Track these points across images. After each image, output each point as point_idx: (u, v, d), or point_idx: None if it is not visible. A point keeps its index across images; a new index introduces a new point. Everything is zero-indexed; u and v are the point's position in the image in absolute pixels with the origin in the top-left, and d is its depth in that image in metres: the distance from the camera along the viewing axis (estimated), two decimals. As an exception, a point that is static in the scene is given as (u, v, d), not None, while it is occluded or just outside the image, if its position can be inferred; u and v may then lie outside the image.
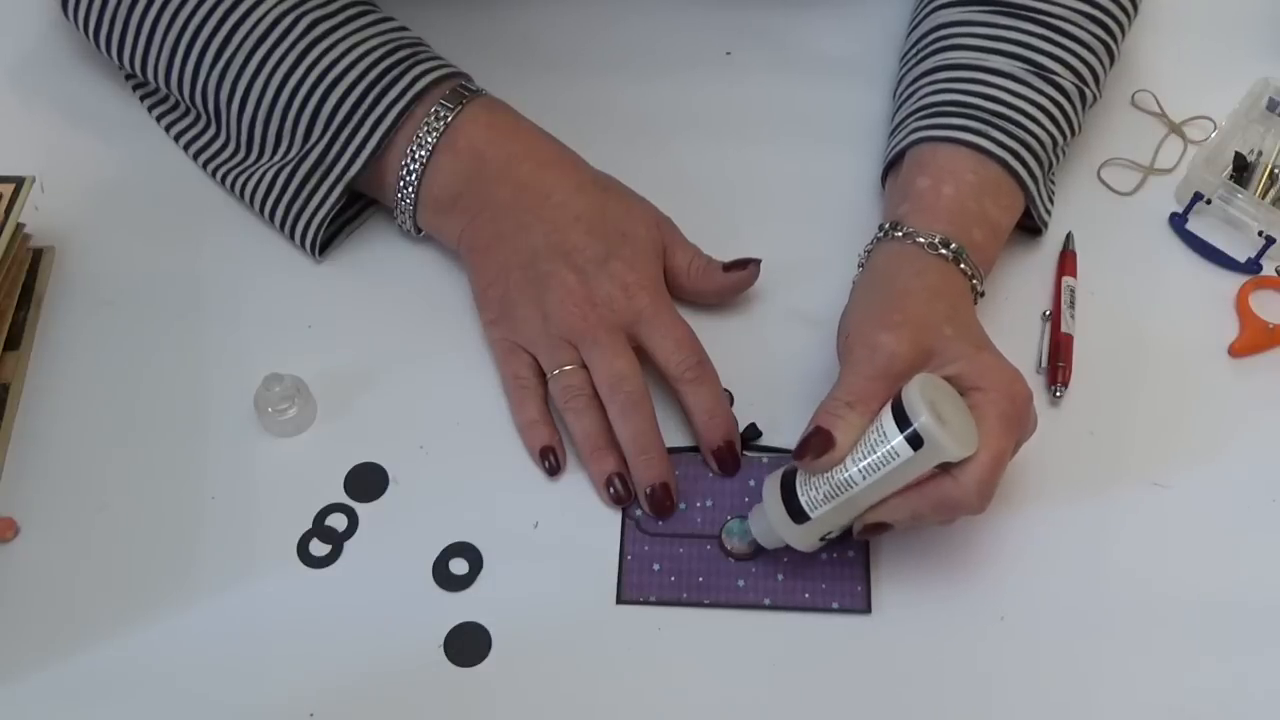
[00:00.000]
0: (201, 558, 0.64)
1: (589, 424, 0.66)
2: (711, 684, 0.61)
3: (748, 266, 0.71)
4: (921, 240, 0.65)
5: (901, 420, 0.57)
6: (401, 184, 0.70)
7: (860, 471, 0.58)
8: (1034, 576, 0.64)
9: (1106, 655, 0.62)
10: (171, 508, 0.66)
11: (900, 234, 0.66)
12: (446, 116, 0.69)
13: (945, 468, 0.58)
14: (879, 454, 0.57)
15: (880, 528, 0.60)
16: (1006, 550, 0.65)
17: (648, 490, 0.65)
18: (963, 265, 0.65)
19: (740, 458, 0.67)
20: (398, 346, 0.71)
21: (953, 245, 0.65)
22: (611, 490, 0.65)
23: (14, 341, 0.70)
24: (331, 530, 0.65)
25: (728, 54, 0.84)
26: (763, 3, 0.85)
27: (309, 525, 0.65)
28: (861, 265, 0.69)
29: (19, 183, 0.70)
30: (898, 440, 0.57)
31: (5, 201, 0.69)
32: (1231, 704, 0.61)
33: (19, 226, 0.71)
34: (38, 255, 0.74)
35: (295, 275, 0.74)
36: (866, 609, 0.63)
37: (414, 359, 0.71)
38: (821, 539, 0.61)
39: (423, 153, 0.69)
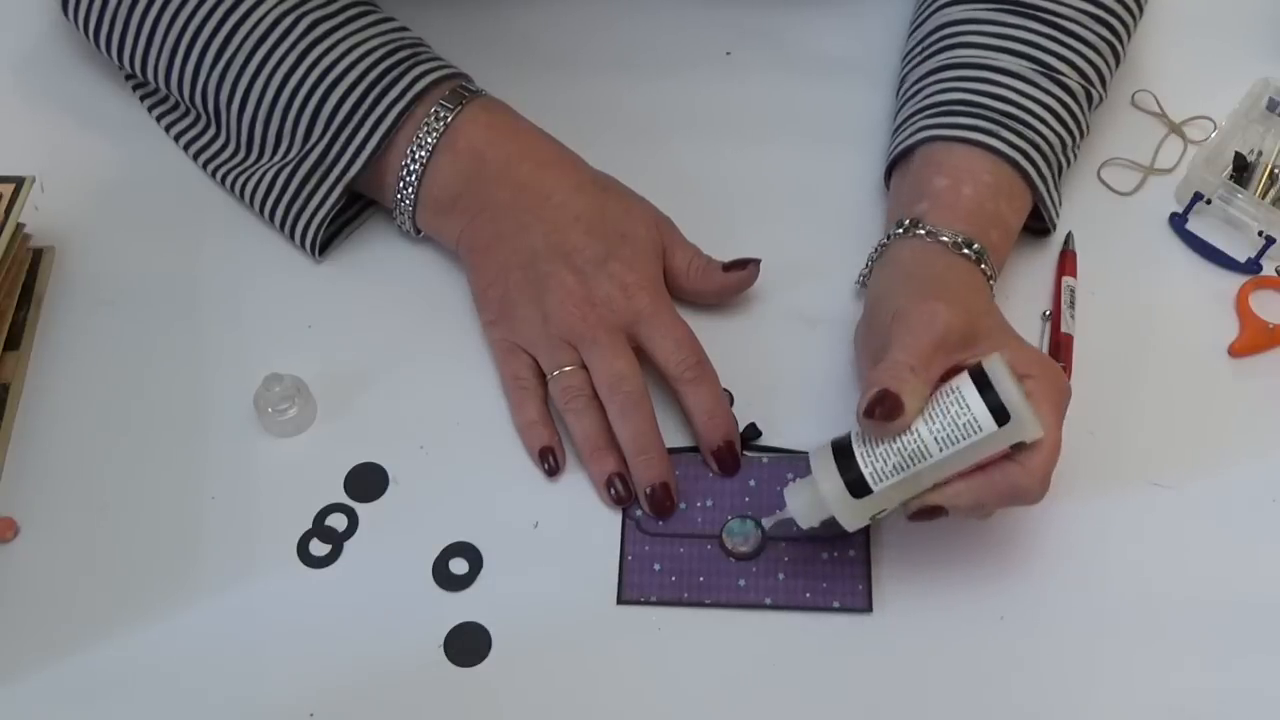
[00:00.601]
0: (201, 558, 0.64)
1: (589, 424, 0.66)
2: (712, 684, 0.61)
3: (747, 266, 0.71)
4: (945, 239, 0.65)
5: (985, 392, 0.55)
6: (401, 184, 0.70)
7: (935, 441, 0.56)
8: (1034, 576, 0.64)
9: (1106, 655, 0.62)
10: (171, 508, 0.66)
11: (922, 231, 0.66)
12: (446, 117, 0.69)
13: (1016, 449, 0.57)
14: (959, 424, 0.56)
15: (936, 511, 0.58)
16: (1007, 549, 0.65)
17: (648, 490, 0.65)
18: (983, 265, 0.65)
19: (740, 458, 0.67)
20: (398, 346, 0.71)
21: (975, 245, 0.65)
22: (612, 491, 0.65)
23: (14, 341, 0.70)
24: (331, 530, 0.65)
25: (728, 54, 0.84)
26: (763, 3, 0.85)
27: (309, 525, 0.65)
28: (872, 260, 0.69)
29: (19, 183, 0.70)
30: (981, 412, 0.55)
31: (5, 201, 0.69)
32: (1231, 704, 0.61)
33: (19, 226, 0.71)
34: (38, 255, 0.74)
35: (295, 275, 0.74)
36: (868, 608, 0.63)
37: (414, 359, 0.71)
38: (872, 518, 0.59)
39: (422, 153, 0.69)
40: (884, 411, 0.57)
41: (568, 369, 0.66)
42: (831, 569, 0.64)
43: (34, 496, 0.66)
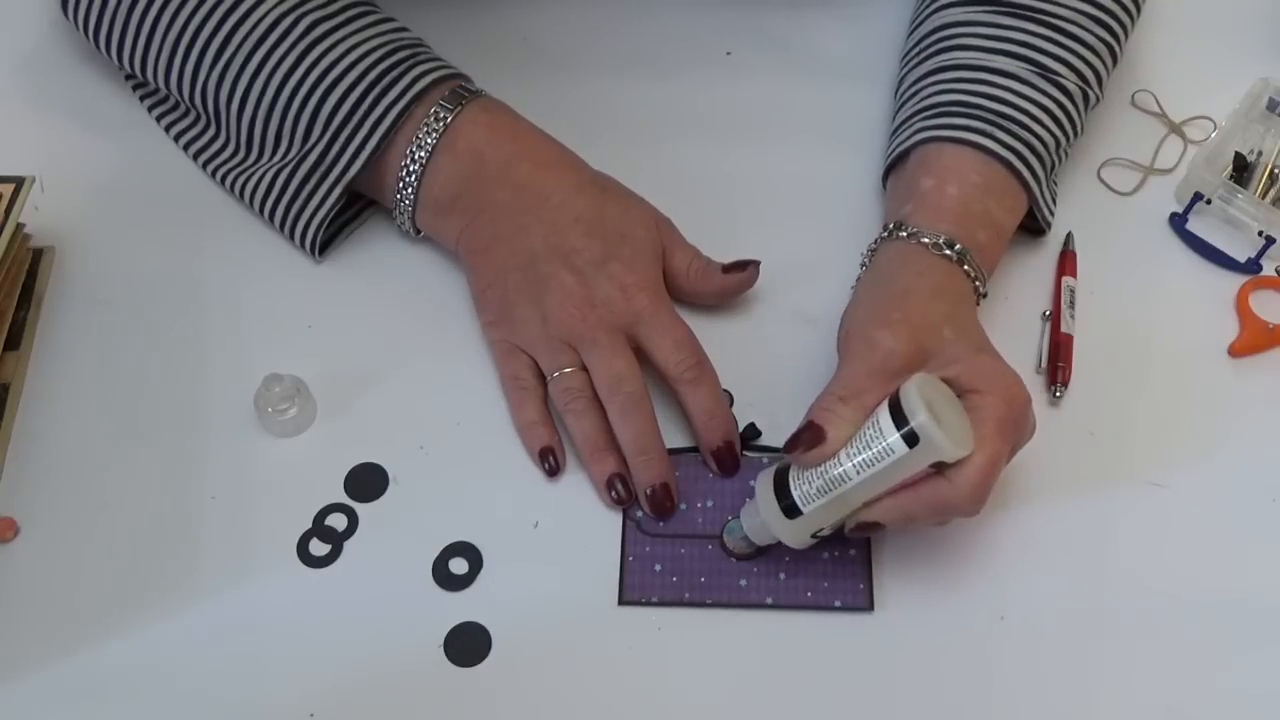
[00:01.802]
0: (201, 558, 0.64)
1: (589, 425, 0.66)
2: (713, 684, 0.61)
3: (747, 268, 0.71)
4: (926, 240, 0.65)
5: (898, 417, 0.57)
6: (401, 185, 0.70)
7: (854, 467, 0.58)
8: (1034, 576, 0.64)
9: (1106, 654, 0.62)
10: (171, 508, 0.66)
11: (904, 234, 0.66)
12: (446, 117, 0.69)
13: (940, 468, 0.58)
14: (874, 450, 0.57)
15: (872, 526, 0.60)
16: (1007, 549, 0.65)
17: (648, 491, 0.65)
18: (966, 266, 0.65)
19: (740, 458, 0.67)
20: (398, 346, 0.71)
21: (957, 246, 0.65)
22: (613, 492, 0.65)
23: (14, 341, 0.70)
24: (331, 530, 0.65)
25: (728, 54, 0.84)
26: (763, 3, 0.85)
27: (309, 525, 0.65)
28: (864, 265, 0.69)
29: (19, 183, 0.70)
30: (893, 437, 0.57)
31: (5, 201, 0.69)
32: (1231, 704, 0.61)
33: (19, 226, 0.71)
34: (38, 255, 0.74)
35: (295, 275, 0.74)
36: (869, 607, 0.63)
37: (414, 359, 0.71)
38: (813, 536, 0.61)
39: (422, 154, 0.69)
40: (806, 442, 0.59)
41: (567, 370, 0.66)
42: (832, 568, 0.64)
43: (34, 496, 0.66)
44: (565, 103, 0.76)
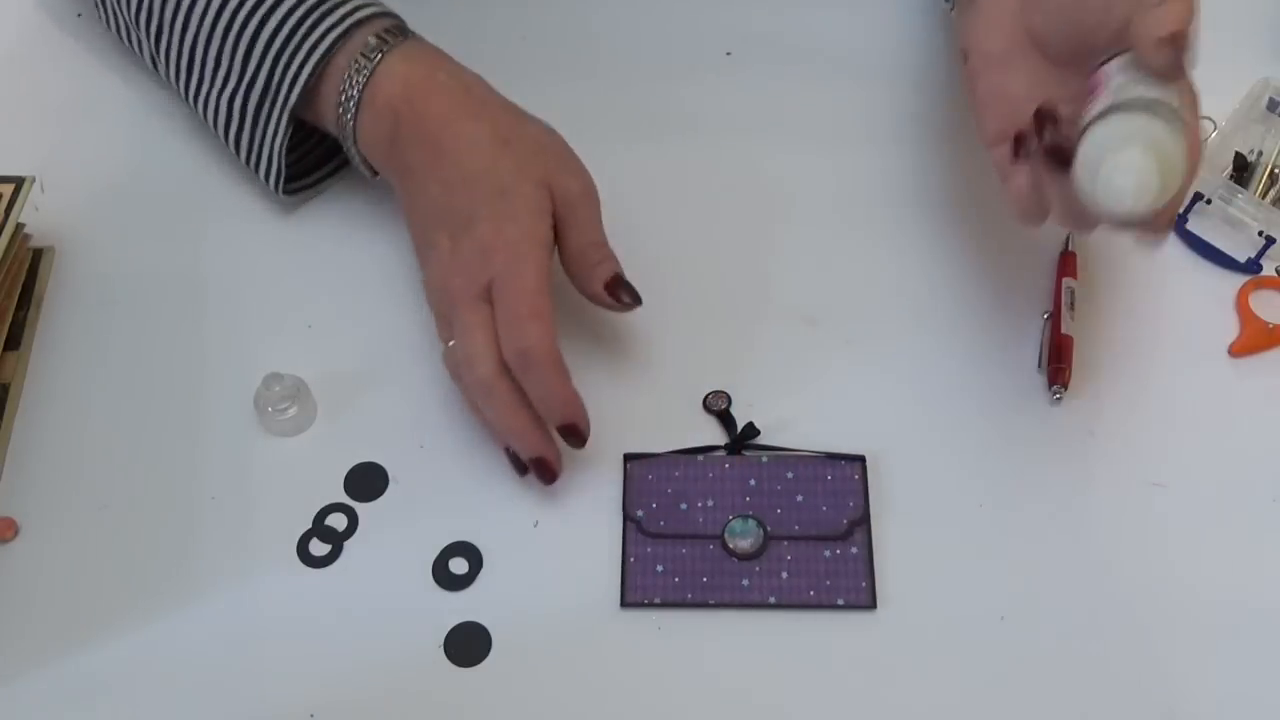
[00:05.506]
0: (201, 558, 0.64)
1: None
2: (715, 683, 0.61)
3: (624, 300, 0.65)
4: None
5: None
6: (344, 136, 0.69)
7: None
8: (1034, 576, 0.64)
9: (1106, 655, 0.62)
10: (171, 508, 0.66)
11: None
12: (368, 69, 0.67)
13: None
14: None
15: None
16: (1007, 549, 0.65)
17: (530, 460, 0.63)
18: None
19: (586, 436, 0.64)
20: (398, 346, 0.71)
21: None
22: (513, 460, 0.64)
23: (14, 341, 0.70)
24: (331, 530, 0.65)
25: (728, 54, 0.84)
26: (763, 3, 0.85)
27: (309, 525, 0.65)
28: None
29: (19, 183, 0.70)
30: None
31: (5, 201, 0.69)
32: (1232, 704, 0.61)
33: (19, 226, 0.71)
34: (38, 255, 0.74)
35: (295, 275, 0.74)
36: (871, 605, 0.63)
37: (414, 359, 0.71)
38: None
39: (352, 104, 0.67)
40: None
41: (451, 344, 0.64)
42: (835, 567, 0.64)
43: (34, 496, 0.66)
44: (565, 103, 0.76)
